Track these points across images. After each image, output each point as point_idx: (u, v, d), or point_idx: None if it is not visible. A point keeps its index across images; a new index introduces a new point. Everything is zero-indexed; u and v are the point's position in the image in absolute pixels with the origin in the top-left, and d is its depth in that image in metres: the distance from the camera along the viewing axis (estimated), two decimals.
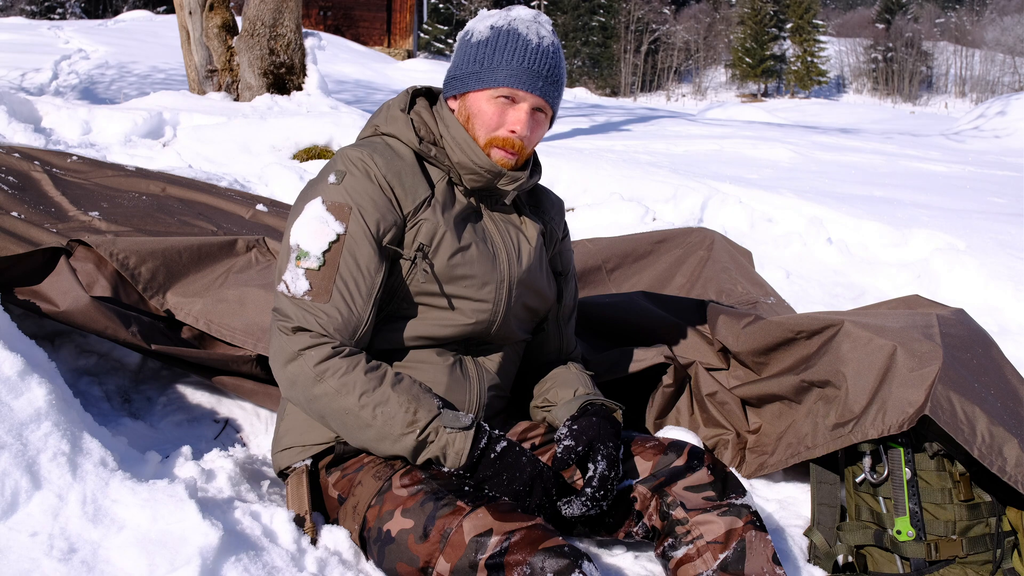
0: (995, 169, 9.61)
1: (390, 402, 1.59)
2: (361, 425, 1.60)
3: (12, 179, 2.77)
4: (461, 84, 1.74)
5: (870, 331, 2.06)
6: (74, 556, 1.33)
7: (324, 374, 1.57)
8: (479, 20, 1.76)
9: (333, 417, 1.62)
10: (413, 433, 1.58)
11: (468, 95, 1.73)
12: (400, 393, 1.60)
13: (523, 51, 1.69)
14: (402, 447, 1.60)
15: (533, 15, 1.74)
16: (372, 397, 1.58)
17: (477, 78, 1.71)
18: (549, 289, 1.91)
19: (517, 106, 1.71)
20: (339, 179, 1.67)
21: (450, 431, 1.59)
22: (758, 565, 1.61)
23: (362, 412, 1.58)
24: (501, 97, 1.70)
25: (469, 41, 1.74)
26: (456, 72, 1.75)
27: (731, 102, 38.25)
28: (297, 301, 1.61)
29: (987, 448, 1.88)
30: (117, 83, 11.41)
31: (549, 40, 1.72)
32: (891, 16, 69.45)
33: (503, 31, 1.71)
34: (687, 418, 2.33)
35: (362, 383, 1.58)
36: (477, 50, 1.72)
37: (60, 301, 2.08)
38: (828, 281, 4.46)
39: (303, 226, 1.65)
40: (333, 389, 1.58)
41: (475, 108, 1.72)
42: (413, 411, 1.59)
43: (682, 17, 68.06)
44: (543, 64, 1.70)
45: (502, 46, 1.70)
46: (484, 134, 1.72)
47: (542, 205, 1.95)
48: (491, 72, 1.70)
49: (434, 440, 1.59)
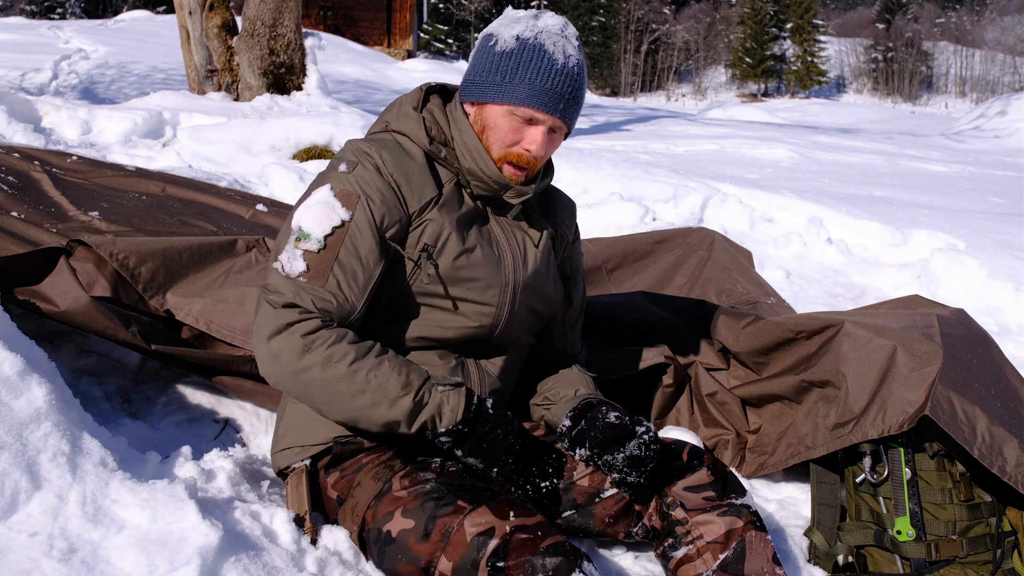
0: (995, 169, 9.62)
1: (383, 366, 1.57)
2: (354, 392, 1.56)
3: (12, 179, 2.77)
4: (480, 92, 1.68)
5: (870, 331, 2.06)
6: (74, 556, 1.33)
7: (312, 344, 1.54)
8: (505, 25, 1.68)
9: (322, 387, 1.56)
10: (409, 395, 1.56)
11: (486, 106, 1.69)
12: (390, 359, 1.59)
13: (547, 71, 1.63)
14: (398, 410, 1.57)
15: (560, 27, 1.67)
16: (364, 363, 1.56)
17: (497, 91, 1.65)
18: (556, 293, 1.89)
19: (535, 127, 1.67)
20: (350, 168, 1.66)
21: (443, 389, 1.59)
22: (758, 565, 1.61)
23: (355, 378, 1.55)
24: (519, 115, 1.65)
25: (493, 48, 1.67)
26: (476, 77, 1.69)
27: (731, 102, 38.24)
28: (291, 280, 1.58)
29: (987, 448, 1.88)
30: (117, 83, 11.40)
31: (575, 60, 1.66)
32: (891, 16, 69.44)
33: (529, 45, 1.63)
34: (687, 418, 2.33)
35: (353, 351, 1.56)
36: (500, 61, 1.65)
37: (60, 301, 2.08)
38: (828, 281, 4.47)
39: (308, 209, 1.62)
40: (322, 358, 1.54)
41: (492, 121, 1.68)
42: (406, 374, 1.58)
43: (682, 17, 68.04)
44: (565, 86, 1.64)
45: (526, 62, 1.63)
46: (498, 148, 1.69)
47: (553, 207, 1.92)
48: (512, 88, 1.64)
49: (428, 401, 1.58)
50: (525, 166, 1.70)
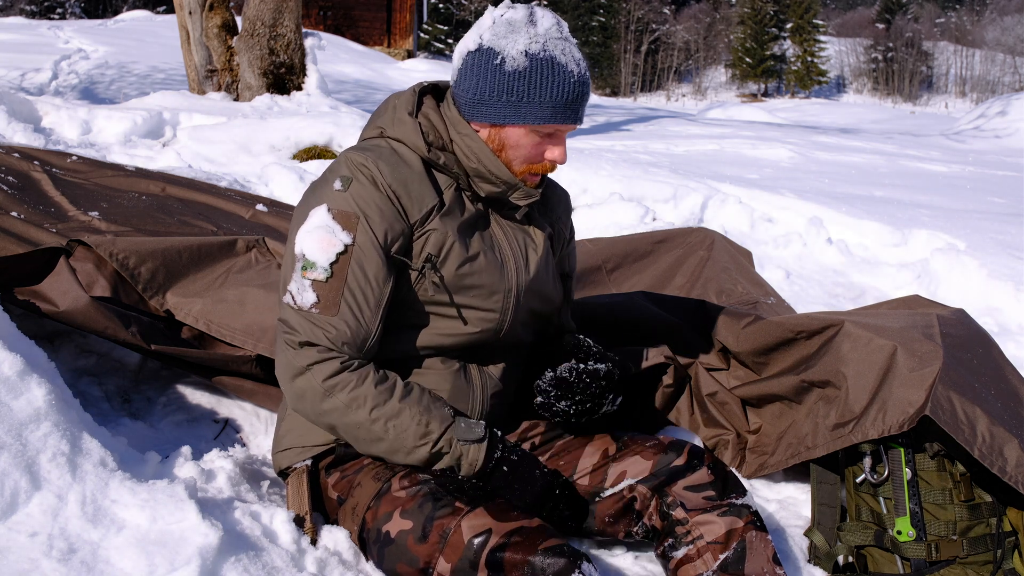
0: (995, 169, 9.62)
1: (402, 415, 1.58)
2: (373, 439, 1.60)
3: (12, 179, 2.77)
4: (497, 115, 1.63)
5: (870, 331, 2.06)
6: (74, 556, 1.33)
7: (333, 389, 1.56)
8: (508, 42, 1.60)
9: (344, 430, 1.62)
10: (426, 446, 1.59)
11: (505, 127, 1.65)
12: (411, 405, 1.59)
13: (564, 85, 1.60)
14: (415, 459, 1.60)
15: (559, 31, 1.63)
16: (383, 411, 1.58)
17: (516, 112, 1.62)
18: (556, 292, 1.89)
19: (557, 138, 1.66)
20: (345, 186, 1.61)
21: (463, 444, 1.60)
22: (758, 565, 1.61)
23: (374, 426, 1.58)
24: (542, 131, 1.64)
25: (502, 68, 1.60)
26: (486, 99, 1.62)
27: (731, 102, 38.24)
28: (304, 313, 1.58)
29: (987, 448, 1.87)
30: (117, 83, 11.40)
31: (582, 62, 1.64)
32: (891, 16, 69.43)
33: (540, 60, 1.59)
34: (687, 418, 2.33)
35: (372, 397, 1.57)
36: (514, 81, 1.59)
37: (60, 301, 2.08)
38: (828, 281, 4.46)
39: (308, 235, 1.60)
40: (343, 404, 1.57)
41: (512, 141, 1.65)
42: (425, 423, 1.59)
43: (682, 17, 68.03)
44: (581, 92, 1.63)
45: (543, 81, 1.59)
46: (521, 164, 1.68)
47: (549, 202, 1.90)
48: (532, 108, 1.61)
49: (448, 452, 1.60)
50: (546, 174, 1.72)
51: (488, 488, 1.59)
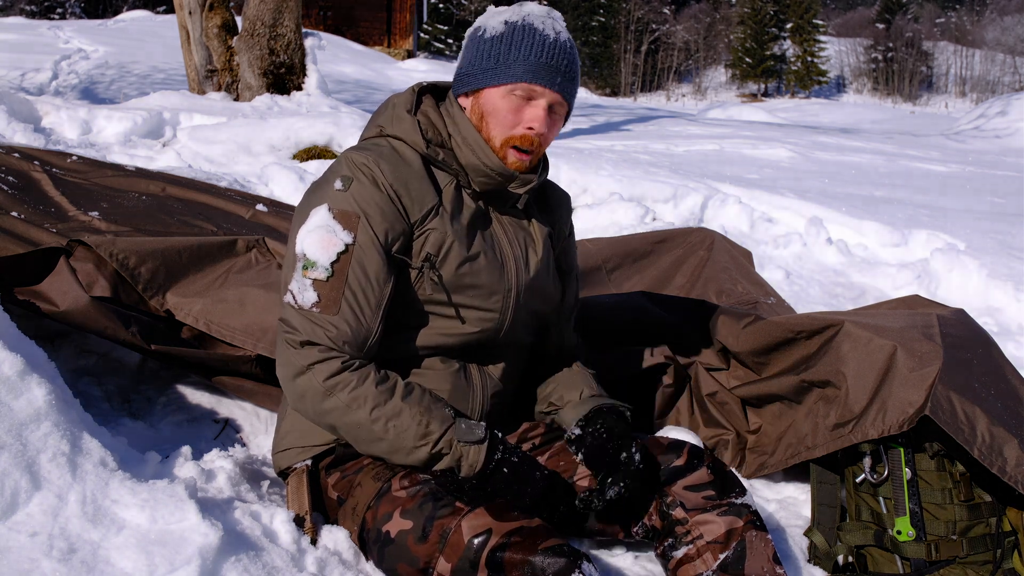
0: (995, 169, 9.62)
1: (402, 415, 1.58)
2: (373, 438, 1.60)
3: (12, 179, 2.77)
4: (475, 80, 1.67)
5: (870, 331, 2.06)
6: (74, 556, 1.33)
7: (334, 389, 1.56)
8: (490, 16, 1.69)
9: (345, 430, 1.62)
10: (426, 446, 1.59)
11: (482, 92, 1.67)
12: (412, 405, 1.59)
13: (540, 46, 1.63)
14: (415, 459, 1.60)
15: (546, 11, 1.69)
16: (383, 411, 1.58)
17: (492, 73, 1.65)
18: (555, 291, 1.89)
19: (534, 103, 1.65)
20: (345, 185, 1.62)
21: (463, 445, 1.60)
22: (758, 565, 1.61)
23: (374, 426, 1.58)
24: (518, 93, 1.64)
25: (482, 37, 1.67)
26: (468, 69, 1.68)
27: (731, 102, 38.24)
28: (305, 313, 1.58)
29: (987, 448, 1.88)
30: (117, 83, 11.39)
31: (565, 36, 1.67)
32: (891, 16, 69.42)
33: (518, 26, 1.64)
34: (687, 418, 2.33)
35: (373, 397, 1.57)
36: (491, 45, 1.65)
37: (60, 301, 2.08)
38: (828, 281, 4.46)
39: (309, 234, 1.60)
40: (344, 403, 1.57)
41: (490, 105, 1.66)
42: (425, 423, 1.59)
43: (682, 17, 68.05)
44: (561, 59, 1.65)
45: (518, 41, 1.63)
46: (500, 133, 1.66)
47: (549, 202, 1.90)
48: (507, 67, 1.63)
49: (448, 453, 1.60)
50: (529, 148, 1.67)
51: (488, 489, 1.59)
